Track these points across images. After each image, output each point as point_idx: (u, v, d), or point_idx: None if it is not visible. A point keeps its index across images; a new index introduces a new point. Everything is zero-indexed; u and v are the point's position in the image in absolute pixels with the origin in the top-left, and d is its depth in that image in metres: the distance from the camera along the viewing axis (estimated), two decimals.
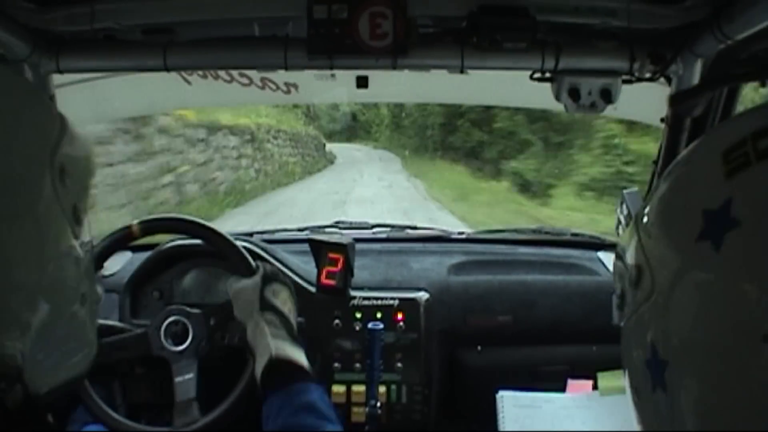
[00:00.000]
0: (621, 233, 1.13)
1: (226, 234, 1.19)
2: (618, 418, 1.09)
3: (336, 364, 1.32)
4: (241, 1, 1.02)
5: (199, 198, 8.29)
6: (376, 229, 1.67)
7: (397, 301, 1.33)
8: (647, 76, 1.05)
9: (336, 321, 1.33)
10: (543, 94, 1.10)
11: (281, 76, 1.51)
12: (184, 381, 1.12)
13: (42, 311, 0.51)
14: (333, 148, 20.76)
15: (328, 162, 18.93)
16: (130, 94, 1.51)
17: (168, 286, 1.34)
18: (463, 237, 1.65)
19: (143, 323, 1.20)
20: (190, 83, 1.49)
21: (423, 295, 1.36)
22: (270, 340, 0.97)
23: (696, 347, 0.43)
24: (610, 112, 1.12)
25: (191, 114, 7.96)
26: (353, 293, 1.33)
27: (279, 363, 0.94)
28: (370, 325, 1.19)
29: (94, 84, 1.32)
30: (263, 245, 1.39)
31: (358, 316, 1.32)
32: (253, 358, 0.99)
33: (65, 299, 0.55)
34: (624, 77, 1.07)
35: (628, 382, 0.52)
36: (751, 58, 0.98)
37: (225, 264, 1.22)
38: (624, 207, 1.11)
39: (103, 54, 1.09)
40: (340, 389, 1.31)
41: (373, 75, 1.19)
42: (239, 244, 1.18)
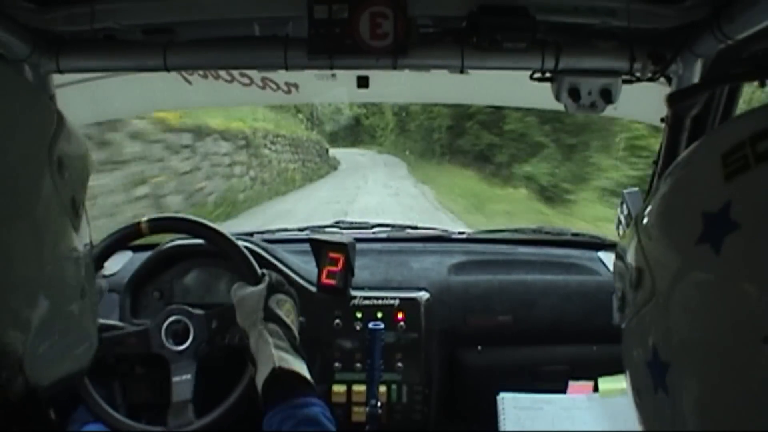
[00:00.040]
0: (621, 233, 1.13)
1: (233, 238, 1.18)
2: (618, 419, 1.09)
3: (336, 363, 1.32)
4: (241, 1, 1.02)
5: (184, 210, 7.05)
6: (376, 229, 1.67)
7: (398, 301, 1.33)
8: (647, 76, 1.05)
9: (336, 321, 1.33)
10: (545, 93, 1.10)
11: (282, 76, 1.51)
12: (181, 381, 1.12)
13: (42, 304, 0.51)
14: (336, 153, 20.32)
15: (330, 168, 18.33)
16: (130, 94, 1.51)
17: (168, 285, 1.34)
18: (464, 237, 1.65)
19: (144, 323, 1.20)
20: (190, 83, 1.49)
21: (423, 295, 1.36)
22: (273, 350, 0.96)
23: (697, 349, 0.43)
24: (610, 112, 1.12)
25: (173, 117, 7.11)
26: (354, 293, 1.33)
27: (282, 374, 0.93)
28: (370, 325, 1.19)
29: (94, 84, 1.32)
30: (264, 245, 1.39)
31: (358, 315, 1.33)
32: (254, 366, 0.99)
33: (66, 291, 0.55)
34: (624, 77, 1.07)
35: (628, 383, 0.52)
36: (751, 58, 0.98)
37: (226, 264, 1.22)
38: (624, 207, 1.11)
39: (103, 54, 1.09)
40: (340, 389, 1.31)
41: (374, 75, 1.18)
42: (241, 244, 1.18)
